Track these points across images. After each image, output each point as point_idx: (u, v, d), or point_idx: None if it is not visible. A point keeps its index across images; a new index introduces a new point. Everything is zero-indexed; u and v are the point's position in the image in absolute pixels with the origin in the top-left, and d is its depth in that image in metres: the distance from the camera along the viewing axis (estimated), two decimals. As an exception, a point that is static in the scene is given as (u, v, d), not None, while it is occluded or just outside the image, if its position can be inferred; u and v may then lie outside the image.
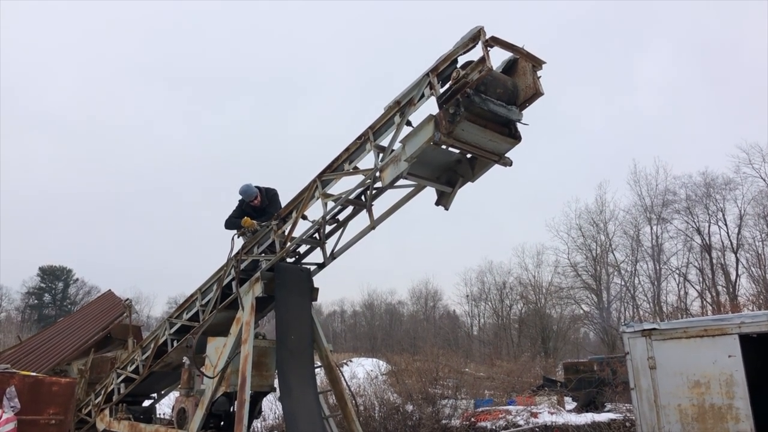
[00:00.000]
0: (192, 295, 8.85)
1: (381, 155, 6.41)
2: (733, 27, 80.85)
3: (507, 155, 6.17)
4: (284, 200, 8.12)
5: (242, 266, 7.96)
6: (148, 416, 10.00)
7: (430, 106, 5.85)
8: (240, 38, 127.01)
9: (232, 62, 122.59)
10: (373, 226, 7.02)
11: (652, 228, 41.88)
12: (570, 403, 22.49)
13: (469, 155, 6.37)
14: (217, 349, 7.72)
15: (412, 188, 6.84)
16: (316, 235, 7.56)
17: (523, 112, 5.83)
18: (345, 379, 8.45)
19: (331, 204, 7.08)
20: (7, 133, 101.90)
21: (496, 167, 6.35)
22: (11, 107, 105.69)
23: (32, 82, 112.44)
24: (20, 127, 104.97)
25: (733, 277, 38.22)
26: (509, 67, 5.79)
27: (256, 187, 8.68)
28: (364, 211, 7.08)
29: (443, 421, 15.87)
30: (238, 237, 8.30)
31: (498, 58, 5.70)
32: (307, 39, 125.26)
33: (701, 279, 40.24)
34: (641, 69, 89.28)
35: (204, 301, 8.55)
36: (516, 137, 5.97)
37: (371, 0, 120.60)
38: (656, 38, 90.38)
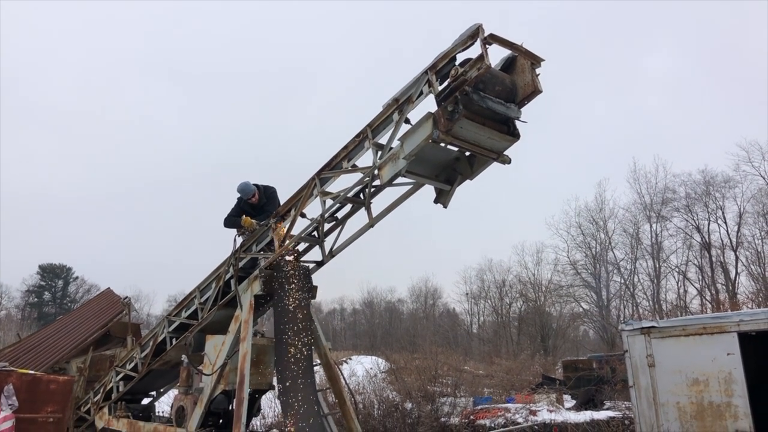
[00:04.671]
0: (191, 293, 8.83)
1: (379, 153, 6.38)
2: (735, 24, 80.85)
3: (506, 153, 6.15)
4: (283, 198, 8.12)
5: (241, 264, 7.95)
6: (147, 414, 10.00)
7: (428, 104, 5.85)
8: (241, 33, 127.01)
9: (234, 57, 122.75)
10: (371, 223, 7.00)
11: (651, 226, 42.04)
12: (569, 401, 22.48)
13: (467, 153, 6.36)
14: (216, 347, 7.71)
15: (410, 186, 6.83)
16: (315, 233, 7.56)
17: (522, 109, 5.81)
18: (344, 377, 8.45)
19: (329, 202, 7.06)
20: (5, 128, 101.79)
21: (495, 165, 6.34)
22: (10, 103, 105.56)
23: (32, 78, 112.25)
24: (19, 124, 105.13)
25: (732, 275, 38.29)
26: (508, 65, 5.76)
27: (254, 185, 8.67)
28: (363, 209, 7.07)
29: (442, 419, 15.88)
30: (239, 236, 8.30)
31: (497, 55, 5.69)
32: (308, 33, 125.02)
33: (701, 277, 40.33)
34: (642, 66, 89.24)
35: (203, 299, 8.54)
36: (515, 135, 5.95)
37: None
38: (658, 35, 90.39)
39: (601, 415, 16.20)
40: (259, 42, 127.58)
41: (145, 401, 10.55)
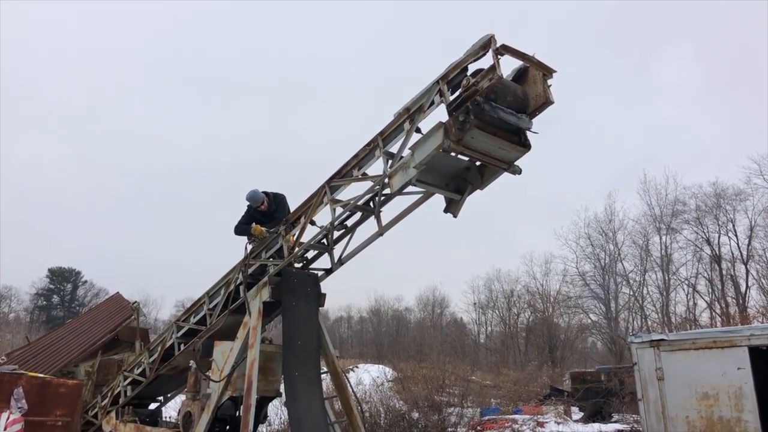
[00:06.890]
0: (199, 299, 8.86)
1: (390, 162, 6.41)
2: (750, 36, 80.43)
3: (516, 163, 6.16)
4: (293, 205, 8.15)
5: (250, 271, 7.98)
6: (154, 419, 10.01)
7: (439, 114, 5.87)
8: (252, 39, 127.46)
9: (244, 63, 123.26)
10: (381, 232, 7.02)
11: (661, 238, 41.76)
12: (577, 413, 22.37)
13: (478, 163, 6.36)
14: (224, 353, 7.73)
15: (420, 195, 6.83)
16: (324, 240, 7.57)
17: (533, 120, 5.82)
18: (351, 386, 8.43)
19: (339, 210, 7.08)
20: (15, 132, 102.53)
21: (506, 175, 6.34)
22: (20, 106, 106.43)
23: (41, 80, 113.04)
24: (29, 127, 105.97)
25: (742, 289, 37.98)
26: (519, 76, 5.78)
27: (264, 192, 8.69)
28: (373, 217, 7.09)
29: (449, 429, 15.86)
30: (249, 243, 8.32)
31: (508, 66, 5.71)
32: (320, 40, 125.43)
33: (710, 290, 40.02)
34: (653, 77, 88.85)
35: (211, 305, 8.56)
36: (525, 145, 5.96)
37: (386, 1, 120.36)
38: (671, 47, 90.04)
39: (609, 427, 16.15)
40: (268, 47, 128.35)
41: (153, 406, 10.57)
